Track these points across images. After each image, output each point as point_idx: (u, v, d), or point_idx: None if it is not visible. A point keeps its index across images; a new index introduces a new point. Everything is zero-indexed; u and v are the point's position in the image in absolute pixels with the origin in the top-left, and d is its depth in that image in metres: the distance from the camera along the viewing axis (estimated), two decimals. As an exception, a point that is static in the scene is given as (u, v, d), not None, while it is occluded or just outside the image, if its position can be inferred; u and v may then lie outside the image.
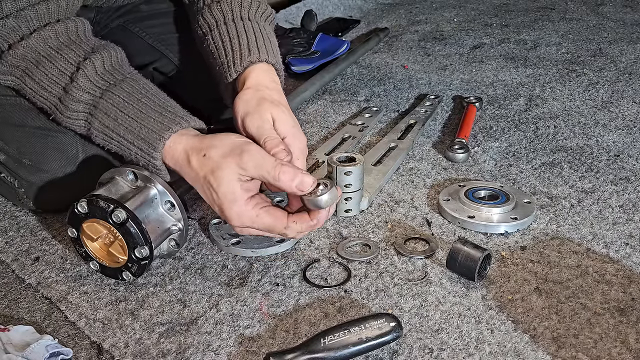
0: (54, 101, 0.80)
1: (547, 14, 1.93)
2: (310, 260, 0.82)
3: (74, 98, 0.78)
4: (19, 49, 0.79)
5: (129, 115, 0.77)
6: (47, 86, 0.79)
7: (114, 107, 0.78)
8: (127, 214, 0.72)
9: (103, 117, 0.78)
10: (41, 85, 0.80)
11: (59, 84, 0.79)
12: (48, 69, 0.79)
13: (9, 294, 0.79)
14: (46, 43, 0.80)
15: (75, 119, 0.80)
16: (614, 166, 1.03)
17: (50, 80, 0.79)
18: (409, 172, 1.03)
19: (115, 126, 0.78)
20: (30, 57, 0.79)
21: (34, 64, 0.79)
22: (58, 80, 0.79)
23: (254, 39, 0.87)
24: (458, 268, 0.76)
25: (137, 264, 0.75)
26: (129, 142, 0.77)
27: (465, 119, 1.17)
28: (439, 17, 1.96)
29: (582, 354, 0.65)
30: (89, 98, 0.78)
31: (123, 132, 0.77)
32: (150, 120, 0.77)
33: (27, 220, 0.95)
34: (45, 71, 0.79)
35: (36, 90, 0.80)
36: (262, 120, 0.77)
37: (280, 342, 0.69)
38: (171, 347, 0.69)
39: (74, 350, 0.69)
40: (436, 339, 0.68)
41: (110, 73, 0.80)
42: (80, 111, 0.79)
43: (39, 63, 0.79)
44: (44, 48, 0.80)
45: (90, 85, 0.78)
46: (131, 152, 0.78)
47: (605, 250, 0.82)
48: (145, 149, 0.76)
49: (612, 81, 1.38)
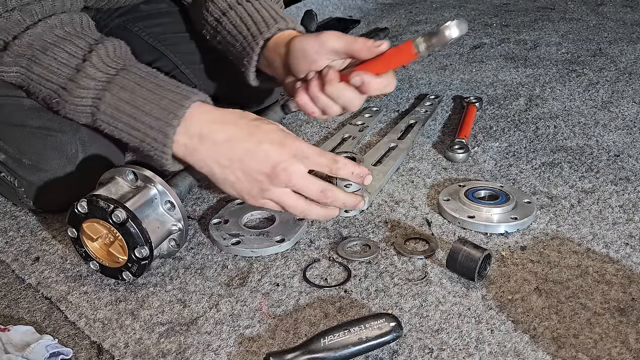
0: (62, 82, 0.78)
1: (547, 14, 1.93)
2: (310, 260, 0.82)
3: (87, 75, 0.76)
4: (25, 38, 0.78)
5: (147, 88, 0.75)
6: (56, 69, 0.78)
7: (130, 82, 0.76)
8: (127, 214, 0.72)
9: (118, 91, 0.76)
10: (49, 69, 0.78)
11: (69, 65, 0.77)
12: (57, 53, 0.78)
13: (9, 294, 0.79)
14: (52, 31, 0.79)
15: (83, 97, 0.77)
16: (614, 166, 1.03)
17: (60, 63, 0.78)
18: (409, 172, 1.03)
19: (131, 98, 0.75)
20: (36, 45, 0.78)
21: (40, 50, 0.78)
22: (68, 62, 0.78)
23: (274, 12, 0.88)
24: (458, 268, 0.76)
25: (137, 264, 0.75)
26: (145, 113, 0.75)
27: (465, 119, 1.17)
28: (439, 17, 1.96)
29: (582, 354, 0.65)
30: (102, 76, 0.77)
31: (140, 102, 0.75)
32: (169, 92, 0.75)
33: (27, 220, 0.95)
34: (54, 55, 0.78)
35: (43, 75, 0.78)
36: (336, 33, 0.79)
37: (280, 342, 0.69)
38: (171, 347, 0.69)
39: (74, 350, 0.69)
40: (436, 339, 0.68)
41: (122, 58, 0.80)
42: (91, 88, 0.77)
43: (46, 49, 0.78)
44: (51, 36, 0.79)
45: (103, 65, 0.77)
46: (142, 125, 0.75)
47: (605, 250, 0.82)
48: (164, 117, 0.74)
49: (612, 81, 1.38)
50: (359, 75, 0.76)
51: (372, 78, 0.76)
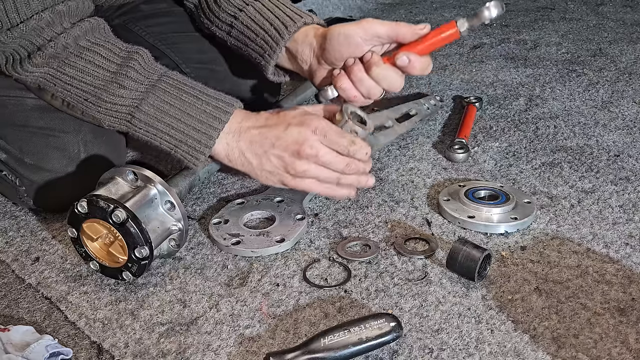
0: (100, 84, 0.80)
1: (547, 14, 1.93)
2: (310, 260, 0.82)
3: (127, 82, 0.79)
4: (61, 40, 0.79)
5: (191, 93, 0.80)
6: (92, 71, 0.80)
7: (174, 86, 0.80)
8: (127, 214, 0.72)
9: (162, 94, 0.79)
10: (85, 71, 0.80)
11: (107, 69, 0.80)
12: (93, 56, 0.80)
13: (9, 294, 0.79)
14: (85, 36, 0.81)
15: (120, 104, 0.80)
16: (614, 166, 1.03)
17: (96, 66, 0.80)
18: (409, 172, 1.03)
19: (169, 109, 0.79)
20: (71, 48, 0.80)
21: (74, 54, 0.80)
22: (105, 67, 0.80)
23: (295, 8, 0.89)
24: (458, 268, 0.76)
25: (137, 264, 0.75)
26: (186, 125, 0.79)
27: (465, 119, 1.17)
28: (439, 17, 1.95)
29: (582, 354, 0.65)
30: (144, 79, 0.80)
31: (179, 114, 0.79)
32: (213, 100, 0.80)
33: (27, 220, 0.95)
34: (90, 58, 0.80)
35: (77, 77, 0.80)
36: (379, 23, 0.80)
37: (280, 342, 0.69)
38: (171, 347, 0.69)
39: (74, 350, 0.69)
40: (436, 339, 0.68)
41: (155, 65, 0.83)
42: (129, 97, 0.79)
43: (81, 53, 0.80)
44: (84, 40, 0.81)
45: (143, 71, 0.80)
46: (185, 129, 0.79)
47: (605, 250, 0.82)
48: (205, 130, 0.79)
49: (612, 81, 1.38)
50: (405, 55, 0.79)
51: (418, 57, 0.79)
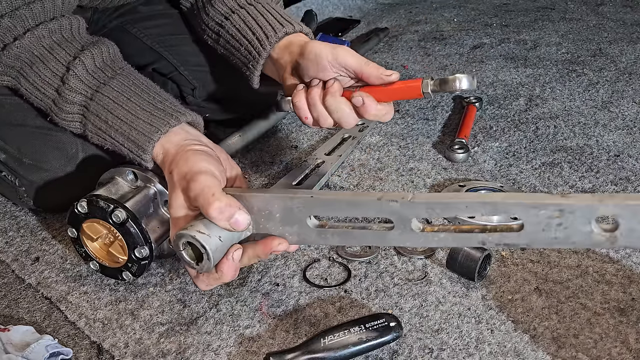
0: (49, 103, 0.79)
1: (547, 14, 1.93)
2: (310, 260, 0.82)
3: (67, 100, 0.78)
4: (13, 49, 0.78)
5: (119, 117, 0.76)
6: (40, 87, 0.79)
7: (104, 109, 0.77)
8: (127, 214, 0.72)
9: (95, 119, 0.77)
10: (35, 86, 0.79)
11: (52, 85, 0.78)
12: (41, 69, 0.78)
13: (9, 294, 0.79)
14: (39, 42, 0.79)
15: (70, 120, 0.79)
16: (614, 166, 1.03)
17: (44, 81, 0.79)
18: (409, 172, 1.03)
19: (106, 128, 0.77)
20: (24, 57, 0.79)
21: (27, 64, 0.79)
22: (51, 82, 0.78)
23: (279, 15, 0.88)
24: (458, 268, 0.76)
25: (137, 264, 0.75)
26: (121, 144, 0.77)
27: (465, 119, 1.17)
28: (439, 17, 1.96)
29: (582, 354, 0.65)
30: (80, 99, 0.78)
31: (114, 134, 0.76)
32: (140, 122, 0.75)
33: (27, 220, 0.95)
34: (39, 72, 0.79)
35: (31, 91, 0.80)
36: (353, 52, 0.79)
37: (280, 342, 0.69)
38: (171, 347, 0.69)
39: (74, 350, 0.69)
40: (436, 339, 0.68)
41: (100, 70, 0.79)
42: (75, 113, 0.78)
43: (33, 64, 0.79)
44: (38, 47, 0.79)
45: (80, 86, 0.78)
46: (124, 152, 0.77)
47: (605, 250, 0.82)
48: (136, 151, 0.75)
49: (612, 81, 1.38)
50: (361, 96, 0.76)
51: (374, 102, 0.76)
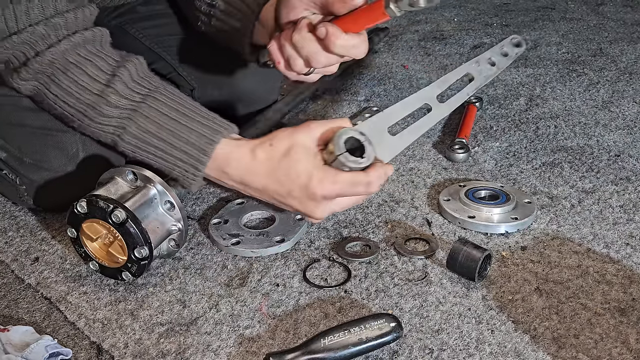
0: (82, 108, 0.76)
1: (548, 14, 1.93)
2: (310, 260, 0.82)
3: (111, 103, 0.75)
4: (47, 55, 0.76)
5: (175, 119, 0.75)
6: (75, 92, 0.76)
7: (157, 110, 0.75)
8: (126, 214, 0.72)
9: (143, 122, 0.75)
10: (68, 91, 0.76)
11: (90, 90, 0.76)
12: (78, 75, 0.76)
13: (9, 294, 0.79)
14: (75, 50, 0.77)
15: (106, 124, 0.76)
16: (614, 166, 1.03)
17: (80, 87, 0.76)
18: (409, 172, 1.03)
19: (157, 130, 0.75)
20: (58, 64, 0.76)
21: (61, 70, 0.76)
22: (89, 87, 0.76)
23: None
24: (458, 268, 0.76)
25: (136, 264, 0.75)
26: (173, 147, 0.74)
27: (465, 119, 1.17)
28: (439, 17, 1.95)
29: (583, 354, 0.65)
30: (127, 103, 0.76)
31: (166, 135, 0.74)
32: (199, 125, 0.74)
33: (26, 220, 0.95)
34: (75, 77, 0.76)
35: (61, 96, 0.77)
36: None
37: (280, 342, 0.69)
38: (171, 347, 0.69)
39: (73, 351, 0.69)
40: (436, 339, 0.68)
41: (146, 80, 0.78)
42: (114, 117, 0.76)
43: (67, 70, 0.76)
44: (73, 55, 0.77)
45: (128, 92, 0.76)
46: (170, 158, 0.75)
47: (606, 251, 0.82)
48: (194, 153, 0.74)
49: (613, 81, 1.38)
50: (324, 26, 0.70)
51: (338, 32, 0.70)
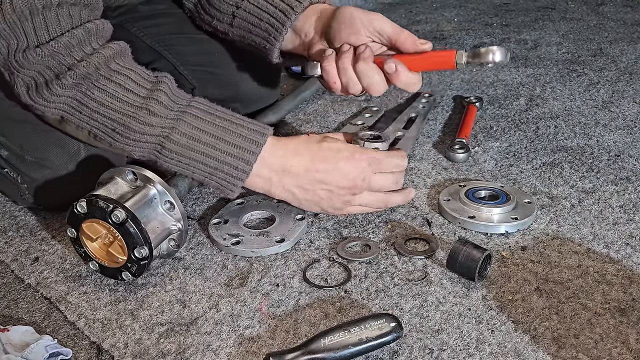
0: (123, 120, 0.76)
1: (548, 14, 1.93)
2: (310, 260, 0.82)
3: (155, 114, 0.75)
4: (80, 69, 0.75)
5: (219, 125, 0.77)
6: (116, 104, 0.76)
7: (201, 118, 0.77)
8: (126, 214, 0.72)
9: (187, 129, 0.76)
10: (115, 96, 0.76)
11: (130, 103, 0.76)
12: (117, 88, 0.76)
13: (9, 294, 0.79)
14: (107, 64, 0.77)
15: (149, 134, 0.76)
16: (614, 166, 1.03)
17: (119, 99, 0.76)
18: (409, 172, 1.03)
19: (202, 136, 0.76)
20: (102, 70, 0.76)
21: (105, 76, 0.76)
22: (130, 99, 0.76)
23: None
24: (458, 268, 0.76)
25: (136, 264, 0.75)
26: (221, 152, 0.76)
27: (465, 118, 1.17)
28: (439, 17, 1.95)
29: (583, 354, 0.65)
30: (169, 113, 0.76)
31: (213, 141, 0.76)
32: (243, 129, 0.78)
33: (26, 220, 0.95)
34: (115, 89, 0.76)
35: (106, 102, 0.76)
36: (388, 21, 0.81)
37: (280, 342, 0.69)
38: (171, 347, 0.69)
39: (73, 351, 0.69)
40: (436, 339, 0.68)
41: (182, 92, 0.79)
42: (158, 126, 0.76)
43: (113, 74, 0.76)
44: (115, 63, 0.77)
45: (171, 103, 0.77)
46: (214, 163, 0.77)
47: (606, 251, 0.82)
48: (242, 155, 0.77)
49: (613, 81, 1.38)
50: (394, 63, 0.77)
51: (406, 70, 0.77)
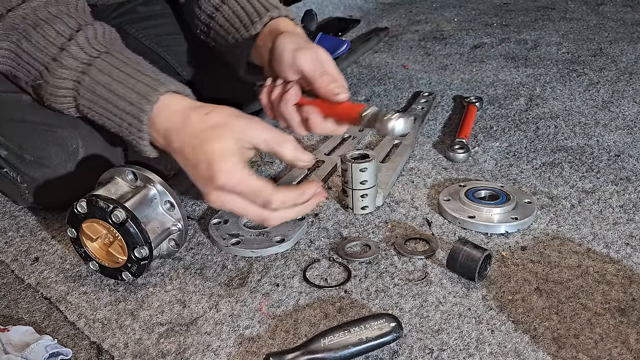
0: (47, 61, 0.78)
1: (548, 14, 1.93)
2: (310, 260, 0.82)
3: (70, 55, 0.77)
4: (19, 11, 0.78)
5: (125, 72, 0.76)
6: (42, 47, 0.78)
7: (110, 65, 0.76)
8: (126, 214, 0.72)
9: (96, 74, 0.76)
10: (37, 46, 0.78)
11: (55, 44, 0.77)
12: (46, 30, 0.78)
13: (9, 294, 0.79)
14: (46, 8, 0.79)
15: (64, 78, 0.77)
16: (614, 166, 1.03)
17: (47, 41, 0.78)
18: (409, 172, 1.03)
19: (107, 82, 0.76)
20: (29, 20, 0.79)
21: (31, 26, 0.78)
22: (54, 41, 0.77)
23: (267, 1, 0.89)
24: (458, 268, 0.76)
25: (136, 264, 0.75)
26: (119, 97, 0.74)
27: (465, 118, 1.17)
28: (439, 17, 1.95)
29: (583, 354, 0.65)
30: (84, 56, 0.77)
31: (115, 87, 0.75)
32: (146, 77, 0.75)
33: (26, 220, 0.95)
34: (43, 33, 0.78)
35: (31, 52, 0.78)
36: (316, 55, 0.78)
37: (280, 342, 0.69)
38: (171, 347, 0.69)
39: (73, 351, 0.69)
40: (436, 339, 0.68)
41: (109, 41, 0.80)
42: (73, 69, 0.77)
43: (37, 25, 0.78)
44: (44, 12, 0.79)
45: (88, 46, 0.77)
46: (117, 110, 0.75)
47: (606, 251, 0.82)
48: (137, 102, 0.73)
49: (613, 81, 1.38)
50: (307, 112, 0.77)
51: (319, 120, 0.77)
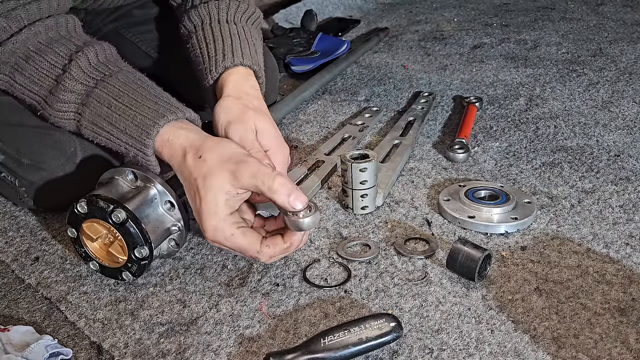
0: (44, 94, 0.79)
1: (548, 14, 1.93)
2: (310, 260, 0.82)
3: (66, 88, 0.77)
4: (9, 45, 0.78)
5: (123, 104, 0.76)
6: (37, 80, 0.79)
7: (108, 95, 0.76)
8: (126, 214, 0.72)
9: (96, 106, 0.77)
10: (31, 79, 0.79)
11: (49, 77, 0.78)
12: (38, 62, 0.78)
13: (9, 294, 0.79)
14: (36, 38, 0.79)
15: (65, 110, 0.78)
16: (614, 166, 1.03)
17: (41, 73, 0.78)
18: (409, 172, 1.03)
19: (108, 114, 0.76)
20: (19, 53, 0.79)
21: (23, 59, 0.79)
22: (49, 73, 0.78)
23: (229, 43, 0.86)
24: (458, 268, 0.76)
25: (136, 264, 0.75)
26: (121, 131, 0.76)
27: (465, 119, 1.17)
28: (439, 17, 1.96)
29: (583, 354, 0.65)
30: (81, 88, 0.77)
31: (116, 119, 0.76)
32: (145, 108, 0.75)
33: (26, 220, 0.95)
34: (35, 65, 0.78)
35: (25, 85, 0.79)
36: (245, 130, 0.76)
37: (280, 342, 0.69)
38: (171, 347, 0.69)
39: (73, 351, 0.69)
40: (436, 339, 0.68)
41: (104, 65, 0.80)
42: (72, 102, 0.78)
43: (29, 58, 0.79)
44: (34, 43, 0.79)
45: (83, 76, 0.78)
46: (121, 142, 0.76)
47: (606, 251, 0.82)
48: (138, 136, 0.74)
49: (613, 81, 1.38)
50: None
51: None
